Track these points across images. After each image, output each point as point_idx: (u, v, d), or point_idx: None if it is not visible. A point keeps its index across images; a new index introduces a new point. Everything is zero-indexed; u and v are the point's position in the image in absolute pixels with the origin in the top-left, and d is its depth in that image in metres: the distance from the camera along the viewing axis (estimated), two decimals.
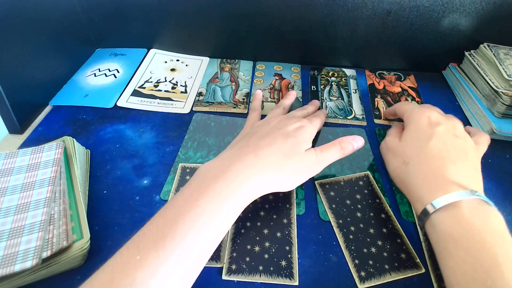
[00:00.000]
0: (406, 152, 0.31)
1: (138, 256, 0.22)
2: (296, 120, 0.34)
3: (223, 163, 0.28)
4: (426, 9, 0.45)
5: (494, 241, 0.23)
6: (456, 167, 0.28)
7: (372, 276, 0.28)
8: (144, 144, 0.39)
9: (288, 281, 0.28)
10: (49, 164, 0.31)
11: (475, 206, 0.25)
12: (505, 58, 0.44)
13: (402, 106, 0.38)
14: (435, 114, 0.33)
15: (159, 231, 0.23)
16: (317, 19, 0.48)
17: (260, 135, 0.32)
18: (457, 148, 0.30)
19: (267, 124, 0.34)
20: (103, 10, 0.50)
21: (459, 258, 0.23)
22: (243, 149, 0.30)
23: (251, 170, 0.28)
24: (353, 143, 0.33)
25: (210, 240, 0.25)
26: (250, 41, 0.52)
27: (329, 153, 0.32)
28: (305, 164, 0.30)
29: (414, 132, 0.32)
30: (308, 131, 0.33)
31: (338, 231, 0.31)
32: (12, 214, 0.27)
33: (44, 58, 0.44)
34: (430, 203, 0.26)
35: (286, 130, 0.32)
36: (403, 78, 0.52)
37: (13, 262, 0.24)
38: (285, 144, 0.30)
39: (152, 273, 0.21)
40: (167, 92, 0.47)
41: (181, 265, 0.23)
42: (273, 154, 0.29)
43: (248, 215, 0.32)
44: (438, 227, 0.26)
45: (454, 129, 0.32)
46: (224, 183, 0.26)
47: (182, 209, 0.25)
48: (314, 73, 0.52)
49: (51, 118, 0.43)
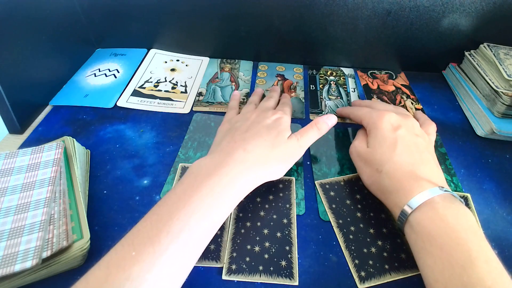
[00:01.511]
0: (376, 159, 0.31)
1: (133, 252, 0.22)
2: (272, 112, 0.36)
3: (214, 160, 0.29)
4: (426, 9, 0.45)
5: (467, 237, 0.24)
6: (423, 167, 0.30)
7: (372, 276, 0.28)
8: (144, 144, 0.39)
9: (288, 281, 0.28)
10: (49, 164, 0.31)
11: (448, 204, 0.26)
12: (505, 58, 0.44)
13: (356, 112, 0.38)
14: (394, 116, 0.34)
15: (153, 227, 0.24)
16: (317, 19, 0.48)
17: (243, 129, 0.33)
18: (420, 148, 0.31)
19: (246, 119, 0.35)
20: (103, 10, 0.50)
21: (436, 256, 0.24)
22: (231, 145, 0.31)
23: (242, 165, 0.29)
24: (327, 121, 0.35)
25: (205, 234, 0.25)
26: (250, 41, 0.52)
27: (308, 135, 0.34)
28: (290, 151, 0.32)
29: (380, 138, 0.32)
30: (285, 120, 0.35)
31: (338, 231, 0.31)
32: (12, 214, 0.27)
33: (44, 58, 0.44)
34: (406, 204, 0.27)
35: (266, 122, 0.34)
36: (395, 77, 0.52)
37: (13, 262, 0.24)
38: (270, 136, 0.32)
39: (148, 267, 0.22)
40: (167, 92, 0.47)
41: (177, 259, 0.23)
42: (260, 146, 0.31)
43: (248, 215, 0.32)
44: (416, 228, 0.26)
45: (413, 128, 0.33)
46: (216, 179, 0.27)
47: (176, 205, 0.25)
48: (312, 73, 0.52)
49: (51, 118, 0.43)
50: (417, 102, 0.47)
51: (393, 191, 0.29)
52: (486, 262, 0.23)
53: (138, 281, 0.21)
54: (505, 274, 0.23)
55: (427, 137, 0.34)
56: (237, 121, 0.36)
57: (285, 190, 0.35)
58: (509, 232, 0.32)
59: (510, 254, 0.30)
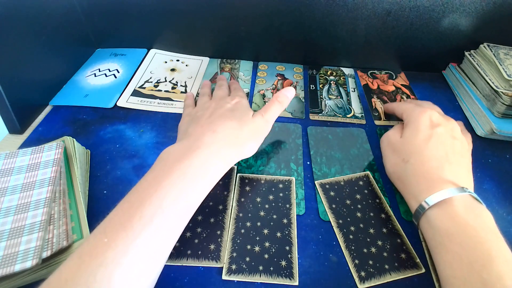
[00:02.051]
0: (406, 149, 0.32)
1: (105, 239, 0.22)
2: (230, 98, 0.37)
3: (183, 145, 0.29)
4: (426, 9, 0.45)
5: (487, 238, 0.24)
6: (451, 168, 0.29)
7: (372, 276, 0.28)
8: (144, 144, 0.39)
9: (288, 281, 0.28)
10: (49, 164, 0.31)
11: (468, 204, 0.26)
12: (505, 58, 0.44)
13: (401, 105, 0.38)
14: (436, 115, 0.33)
15: (125, 214, 0.23)
16: (317, 19, 0.48)
17: (207, 115, 0.34)
18: (454, 150, 0.31)
19: (206, 108, 0.36)
20: (103, 10, 0.50)
21: (455, 252, 0.24)
22: (198, 130, 0.31)
23: (213, 146, 0.29)
24: (287, 94, 0.36)
25: (180, 217, 0.25)
26: (250, 41, 0.52)
27: (271, 110, 0.35)
28: (258, 127, 0.33)
29: (415, 131, 0.32)
30: (244, 102, 0.37)
31: (338, 231, 0.31)
32: (12, 214, 0.27)
33: (44, 58, 0.44)
34: (424, 200, 0.27)
35: (227, 106, 0.35)
36: (395, 77, 0.52)
37: (13, 262, 0.24)
38: (235, 116, 0.33)
39: (122, 252, 0.21)
40: (167, 92, 0.47)
41: (152, 243, 0.23)
42: (228, 127, 0.31)
43: (248, 215, 0.32)
44: (433, 223, 0.27)
45: (453, 131, 0.33)
46: (187, 163, 0.27)
47: (147, 191, 0.25)
48: (312, 72, 0.52)
49: (51, 118, 0.43)
50: None
51: (414, 183, 0.29)
52: (506, 262, 0.23)
53: (112, 266, 0.21)
54: None
55: (466, 143, 0.33)
56: (197, 111, 0.36)
57: (285, 190, 0.35)
58: (509, 232, 0.32)
59: None
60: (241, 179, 0.36)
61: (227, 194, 0.34)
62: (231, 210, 0.33)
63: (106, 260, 0.21)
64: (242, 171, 0.36)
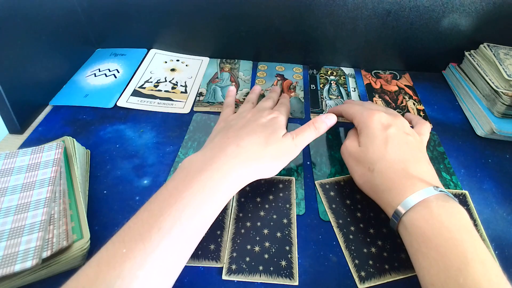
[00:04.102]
0: (368, 158, 0.31)
1: (124, 249, 0.22)
2: (268, 112, 0.35)
3: (205, 156, 0.29)
4: (426, 9, 0.45)
5: (462, 238, 0.24)
6: (415, 166, 0.29)
7: (372, 276, 0.28)
8: (144, 144, 0.40)
9: (288, 281, 0.28)
10: (49, 164, 0.31)
11: (442, 203, 0.26)
12: (505, 58, 0.44)
13: (348, 110, 0.38)
14: (384, 116, 0.33)
15: (144, 224, 0.23)
16: (317, 19, 0.48)
17: (238, 127, 0.33)
18: (411, 146, 0.31)
19: (241, 117, 0.35)
20: (103, 10, 0.50)
21: (431, 257, 0.24)
22: (224, 141, 0.31)
23: (235, 160, 0.29)
24: (327, 121, 0.35)
25: (197, 230, 0.25)
26: (250, 41, 0.52)
27: (304, 135, 0.33)
28: (284, 149, 0.32)
29: (371, 137, 0.32)
30: (281, 119, 0.35)
31: (338, 231, 0.31)
32: (12, 214, 0.27)
33: (44, 58, 0.44)
34: (399, 205, 0.27)
35: (262, 121, 0.34)
36: (399, 77, 0.52)
37: (13, 262, 0.24)
38: (264, 133, 0.32)
39: (140, 264, 0.21)
40: (167, 92, 0.48)
41: (169, 256, 0.23)
42: (254, 143, 0.30)
43: (248, 215, 0.32)
44: (410, 229, 0.26)
45: (404, 127, 0.33)
46: (208, 174, 0.27)
47: (167, 201, 0.25)
48: (313, 72, 0.52)
49: (51, 118, 0.43)
50: (419, 103, 0.47)
51: (385, 190, 0.29)
52: (481, 263, 0.22)
53: (129, 278, 0.21)
54: (500, 274, 0.22)
55: (418, 136, 0.33)
56: (233, 119, 0.36)
57: (285, 190, 0.35)
58: (509, 232, 0.32)
59: (510, 254, 0.30)
60: None
61: None
62: (231, 210, 0.33)
63: (124, 272, 0.21)
64: None
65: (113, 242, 0.23)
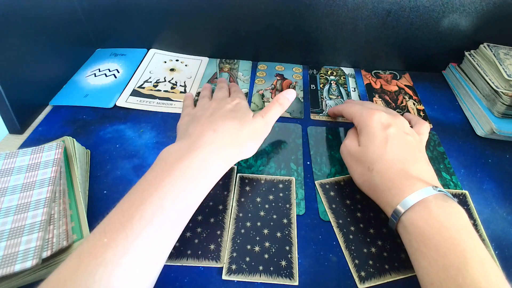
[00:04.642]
0: (367, 157, 0.31)
1: (105, 239, 0.22)
2: (230, 99, 0.37)
3: (183, 144, 0.29)
4: (426, 9, 0.45)
5: (461, 237, 0.24)
6: (414, 166, 0.29)
7: (372, 276, 0.28)
8: (144, 144, 0.40)
9: (288, 281, 0.28)
10: (49, 164, 0.31)
11: (441, 203, 0.26)
12: (505, 58, 0.44)
13: (348, 109, 0.38)
14: (384, 115, 0.33)
15: (125, 214, 0.23)
16: (317, 19, 0.48)
17: (207, 115, 0.34)
18: (411, 146, 0.31)
19: (206, 108, 0.36)
20: (103, 10, 0.50)
21: (430, 257, 0.24)
22: (198, 129, 0.31)
23: (214, 145, 0.29)
24: (288, 96, 0.37)
25: (180, 217, 0.25)
26: (250, 41, 0.52)
27: (271, 112, 0.35)
28: (258, 128, 0.33)
29: (371, 137, 0.32)
30: (244, 103, 0.37)
31: (338, 231, 0.31)
32: (12, 214, 0.27)
33: (44, 58, 0.44)
34: (398, 204, 0.27)
35: (228, 107, 0.35)
36: (399, 77, 0.52)
37: (13, 262, 0.24)
38: (236, 117, 0.33)
39: (122, 252, 0.21)
40: (167, 92, 0.47)
41: (152, 243, 0.23)
42: (229, 127, 0.31)
43: (248, 215, 0.32)
44: (409, 228, 0.26)
45: (403, 127, 0.33)
46: (187, 162, 0.27)
47: (147, 191, 0.25)
48: (313, 72, 0.52)
49: (51, 118, 0.43)
50: (419, 103, 0.47)
51: (384, 190, 0.29)
52: (480, 263, 0.23)
53: (112, 266, 0.21)
54: (499, 274, 0.22)
55: (417, 136, 0.34)
56: (197, 111, 0.36)
57: (285, 190, 0.35)
58: (509, 232, 0.32)
59: (510, 254, 0.30)
60: (241, 179, 0.36)
61: (227, 194, 0.34)
62: (231, 210, 0.33)
63: (106, 260, 0.21)
64: (242, 171, 0.36)
65: (94, 234, 0.23)
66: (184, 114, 0.39)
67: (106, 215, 0.31)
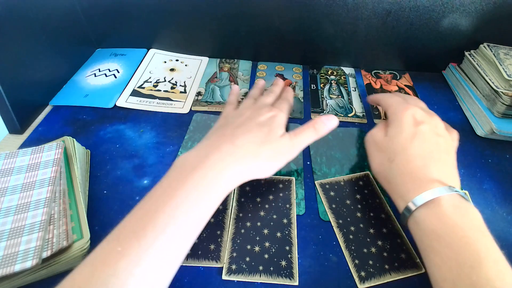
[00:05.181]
0: (391, 148, 0.31)
1: (119, 247, 0.22)
2: (268, 109, 0.34)
3: (200, 153, 0.29)
4: (426, 9, 0.45)
5: (475, 237, 0.24)
6: (437, 166, 0.29)
7: (372, 276, 0.28)
8: (144, 144, 0.39)
9: (288, 281, 0.28)
10: (49, 164, 0.31)
11: (455, 203, 0.26)
12: (505, 58, 0.44)
13: (386, 99, 0.37)
14: (419, 112, 0.33)
15: (139, 222, 0.23)
16: (317, 19, 0.48)
17: (235, 125, 0.32)
18: (439, 147, 0.30)
19: (240, 115, 0.34)
20: (103, 10, 0.50)
21: (443, 254, 0.24)
22: (220, 139, 0.30)
23: (229, 158, 0.28)
24: (327, 122, 0.33)
25: (192, 228, 0.25)
26: (250, 41, 0.52)
27: (303, 135, 0.32)
28: (281, 149, 0.31)
29: (399, 129, 0.32)
30: (280, 118, 0.33)
31: (338, 231, 0.31)
32: (12, 214, 0.27)
33: (44, 58, 0.44)
34: (411, 200, 0.27)
35: (259, 119, 0.32)
36: (399, 77, 0.52)
37: (13, 262, 0.24)
38: (260, 132, 0.31)
39: (135, 262, 0.21)
40: (167, 92, 0.47)
41: (164, 254, 0.23)
42: (249, 142, 0.30)
43: (248, 215, 0.32)
44: (421, 225, 0.26)
45: (436, 127, 0.32)
46: (202, 172, 0.27)
47: (162, 199, 0.25)
48: (313, 72, 0.52)
49: (51, 118, 0.43)
50: None
51: (401, 183, 0.29)
52: (494, 263, 0.23)
53: (125, 276, 0.21)
54: None
55: (450, 139, 0.32)
56: (232, 117, 0.35)
57: (285, 190, 0.35)
58: (509, 232, 0.32)
59: (510, 254, 0.30)
60: None
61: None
62: (231, 210, 0.33)
63: (119, 270, 0.21)
64: None
65: (107, 241, 0.23)
66: (223, 116, 0.37)
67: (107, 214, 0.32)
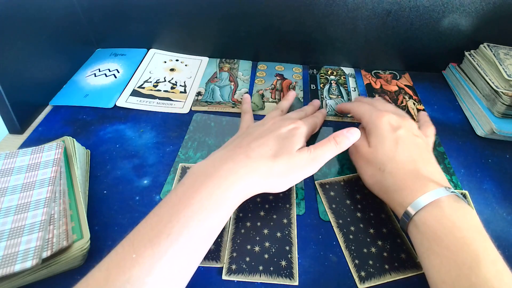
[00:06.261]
0: (378, 158, 0.31)
1: (133, 254, 0.22)
2: (291, 121, 0.33)
3: (215, 163, 0.29)
4: (426, 9, 0.45)
5: (473, 238, 0.24)
6: (426, 167, 0.30)
7: (372, 276, 0.28)
8: (144, 144, 0.39)
9: (288, 281, 0.28)
10: (49, 164, 0.31)
11: (453, 203, 0.26)
12: (505, 58, 0.44)
13: (356, 109, 0.37)
14: (393, 117, 0.33)
15: (153, 229, 0.24)
16: (317, 19, 0.48)
17: (253, 136, 0.32)
18: (420, 148, 0.31)
19: (261, 125, 0.34)
20: (103, 10, 0.50)
21: (443, 256, 0.24)
22: (236, 150, 0.30)
23: (243, 170, 0.28)
24: (349, 136, 0.32)
25: (205, 237, 0.25)
26: (250, 41, 0.52)
27: (323, 149, 0.31)
28: (297, 164, 0.29)
29: (380, 138, 0.32)
30: (301, 131, 0.32)
31: (338, 231, 0.31)
32: (12, 214, 0.27)
33: (44, 58, 0.44)
34: (410, 205, 0.27)
35: (279, 132, 0.32)
36: (399, 77, 0.52)
37: (13, 262, 0.24)
38: (276, 146, 0.30)
39: (148, 270, 0.22)
40: (166, 92, 0.47)
41: (177, 263, 0.23)
42: (263, 156, 0.29)
43: (248, 215, 0.32)
44: (421, 228, 0.26)
45: (412, 129, 0.33)
46: (216, 182, 0.27)
47: (176, 207, 0.25)
48: (313, 72, 0.52)
49: (51, 118, 0.43)
50: (419, 103, 0.47)
51: (396, 190, 0.29)
52: (492, 263, 0.23)
53: (138, 284, 0.21)
54: (510, 275, 0.23)
55: (425, 138, 0.34)
56: (254, 126, 0.35)
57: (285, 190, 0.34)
58: (509, 232, 0.32)
59: (510, 254, 0.30)
60: None
61: None
62: None
63: (132, 278, 0.21)
64: None
65: (122, 246, 0.23)
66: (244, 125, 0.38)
67: (107, 214, 0.32)
